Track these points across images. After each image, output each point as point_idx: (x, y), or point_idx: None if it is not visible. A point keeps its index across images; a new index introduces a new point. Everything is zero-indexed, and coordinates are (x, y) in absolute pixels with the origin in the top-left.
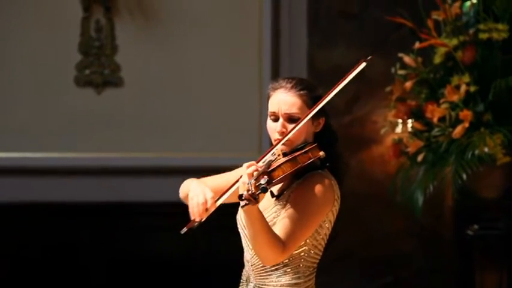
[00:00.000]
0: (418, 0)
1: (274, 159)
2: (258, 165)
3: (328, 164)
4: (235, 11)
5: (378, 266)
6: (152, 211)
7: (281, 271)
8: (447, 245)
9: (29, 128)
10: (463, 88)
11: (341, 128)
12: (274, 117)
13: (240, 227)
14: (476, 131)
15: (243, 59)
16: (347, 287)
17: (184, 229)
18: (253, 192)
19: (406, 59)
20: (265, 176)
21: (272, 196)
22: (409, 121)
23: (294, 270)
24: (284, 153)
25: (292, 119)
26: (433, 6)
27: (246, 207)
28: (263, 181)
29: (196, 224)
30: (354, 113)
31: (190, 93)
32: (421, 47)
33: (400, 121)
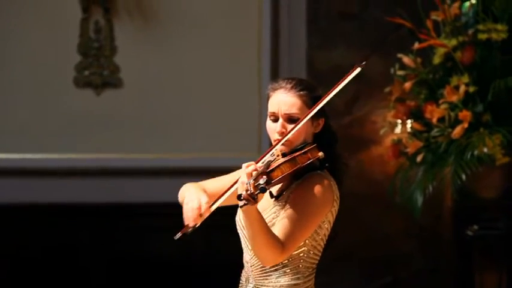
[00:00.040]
0: (417, 0)
1: (273, 160)
2: (257, 165)
3: (327, 165)
4: (234, 12)
5: (377, 266)
6: (152, 212)
7: (280, 272)
8: (446, 245)
9: (28, 129)
10: (462, 88)
11: (340, 129)
12: (274, 118)
13: (239, 228)
14: (475, 131)
15: (243, 60)
16: (346, 287)
17: (178, 234)
18: (252, 192)
19: (406, 60)
20: (264, 176)
21: (271, 197)
22: (409, 121)
23: (293, 271)
24: (283, 154)
25: (291, 120)
26: (432, 6)
27: (245, 208)
28: (262, 181)
29: (190, 230)
30: (353, 113)
31: (190, 94)
32: (420, 47)
33: (399, 121)
